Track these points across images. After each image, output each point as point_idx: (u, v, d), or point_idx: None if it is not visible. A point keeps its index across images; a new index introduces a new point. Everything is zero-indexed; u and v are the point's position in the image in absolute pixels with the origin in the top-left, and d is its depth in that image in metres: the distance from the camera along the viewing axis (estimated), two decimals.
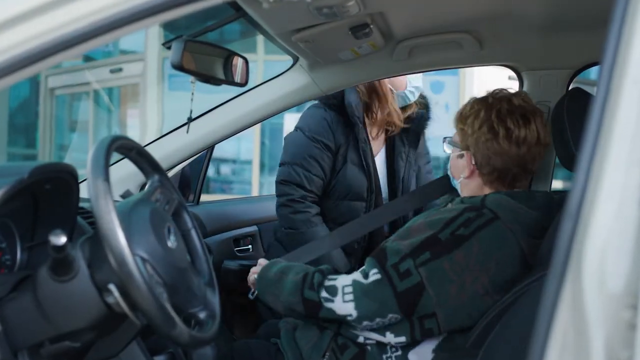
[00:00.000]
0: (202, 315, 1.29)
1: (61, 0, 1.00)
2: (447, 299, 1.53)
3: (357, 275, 1.60)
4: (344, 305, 1.57)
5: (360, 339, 1.64)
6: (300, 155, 2.36)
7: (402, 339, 1.58)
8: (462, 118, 1.70)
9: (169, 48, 1.60)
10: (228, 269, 2.42)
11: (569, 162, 1.71)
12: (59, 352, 1.17)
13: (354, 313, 1.57)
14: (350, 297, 1.57)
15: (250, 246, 2.57)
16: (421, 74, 2.43)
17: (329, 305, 1.59)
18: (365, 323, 1.58)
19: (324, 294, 1.60)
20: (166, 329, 1.12)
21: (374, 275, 1.57)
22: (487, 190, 1.69)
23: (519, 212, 1.59)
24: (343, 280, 1.61)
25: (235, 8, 1.68)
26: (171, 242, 1.25)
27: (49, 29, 1.00)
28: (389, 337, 1.59)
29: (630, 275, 0.73)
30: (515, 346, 1.31)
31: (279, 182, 2.38)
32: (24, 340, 1.15)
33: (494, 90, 1.71)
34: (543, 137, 1.65)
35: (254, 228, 2.61)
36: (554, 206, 1.64)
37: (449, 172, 1.81)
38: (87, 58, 10.90)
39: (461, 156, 1.72)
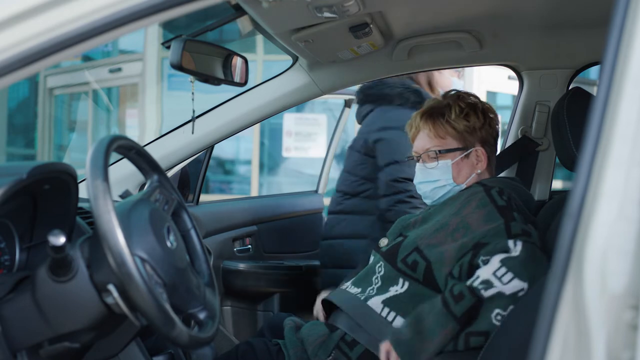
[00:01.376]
0: (201, 315, 1.29)
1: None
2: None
3: (500, 256, 1.54)
4: (507, 287, 1.50)
5: None
6: (407, 152, 2.43)
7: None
8: (454, 118, 1.77)
9: (168, 48, 1.60)
10: (228, 269, 2.42)
11: (569, 162, 1.71)
12: (58, 352, 1.17)
13: (524, 285, 1.50)
14: (509, 275, 1.50)
15: (249, 246, 2.57)
16: (457, 76, 2.55)
17: (492, 292, 1.50)
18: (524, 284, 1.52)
19: (480, 287, 1.51)
20: (166, 330, 1.12)
21: (518, 244, 1.55)
22: (486, 175, 1.81)
23: (517, 189, 1.78)
24: (487, 270, 1.53)
25: (234, 8, 1.68)
26: (170, 242, 1.24)
27: (47, 28, 1.00)
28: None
29: (631, 275, 0.72)
30: (516, 347, 1.31)
31: (394, 181, 2.40)
32: (23, 340, 1.14)
33: (446, 93, 1.87)
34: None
35: (253, 228, 2.60)
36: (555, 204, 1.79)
37: (442, 182, 1.78)
38: (86, 58, 10.89)
39: (466, 156, 1.77)
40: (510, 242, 1.56)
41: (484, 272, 1.53)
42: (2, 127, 11.02)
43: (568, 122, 1.67)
